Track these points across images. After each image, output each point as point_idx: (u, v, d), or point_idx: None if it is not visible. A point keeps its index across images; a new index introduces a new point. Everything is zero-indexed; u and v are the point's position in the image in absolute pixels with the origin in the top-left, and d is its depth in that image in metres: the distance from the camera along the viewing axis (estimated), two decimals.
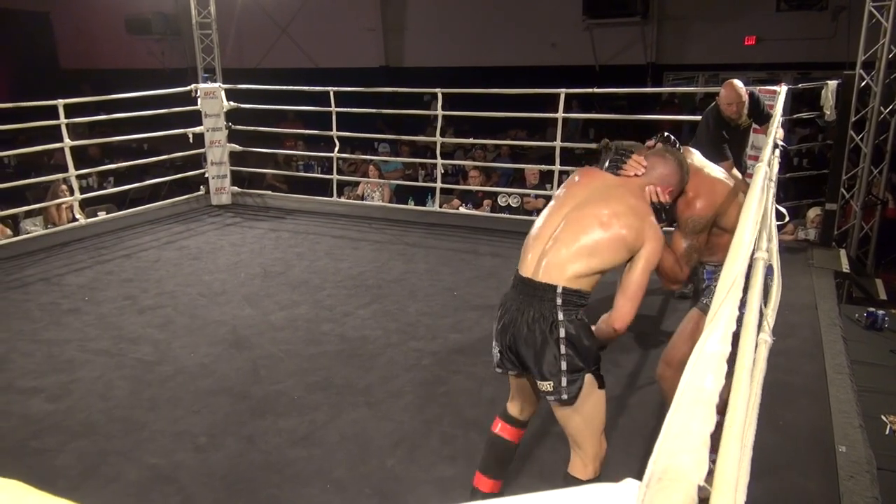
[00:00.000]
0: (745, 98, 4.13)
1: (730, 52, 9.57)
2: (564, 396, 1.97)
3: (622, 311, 1.96)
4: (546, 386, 1.98)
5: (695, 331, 2.49)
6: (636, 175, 2.09)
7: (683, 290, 4.48)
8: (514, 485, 2.50)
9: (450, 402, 3.18)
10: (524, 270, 2.01)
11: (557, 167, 5.87)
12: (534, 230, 2.05)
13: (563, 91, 5.65)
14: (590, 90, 5.81)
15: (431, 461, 2.73)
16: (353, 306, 4.33)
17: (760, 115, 4.33)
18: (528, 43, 10.64)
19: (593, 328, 2.01)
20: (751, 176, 4.67)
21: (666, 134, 2.38)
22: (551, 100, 5.87)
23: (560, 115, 5.73)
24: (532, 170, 6.69)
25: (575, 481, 2.06)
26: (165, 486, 2.59)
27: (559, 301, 1.92)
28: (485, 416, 3.01)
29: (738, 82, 4.14)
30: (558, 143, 5.80)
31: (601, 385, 2.05)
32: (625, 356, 3.66)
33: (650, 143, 2.35)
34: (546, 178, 6.73)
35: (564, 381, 1.95)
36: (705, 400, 0.72)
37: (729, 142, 4.26)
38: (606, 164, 2.12)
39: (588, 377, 1.99)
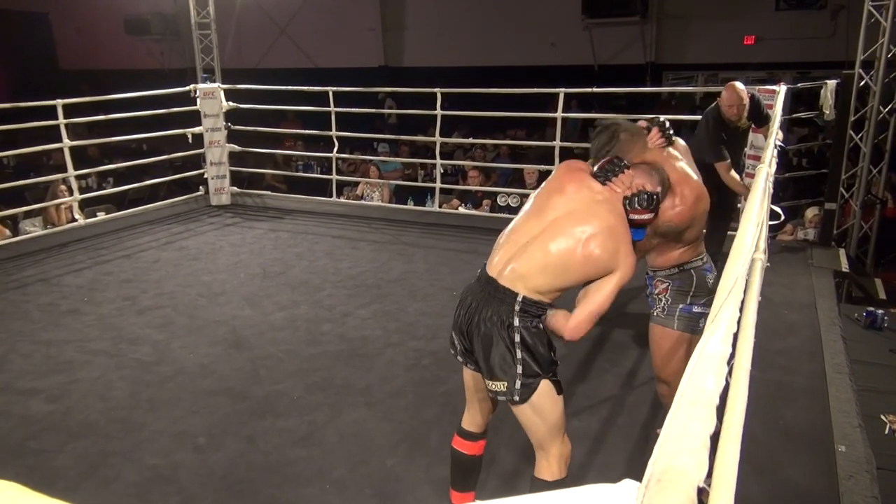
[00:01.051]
0: (747, 101, 4.11)
1: (729, 51, 9.58)
2: (516, 398, 1.98)
3: (579, 324, 1.94)
4: (498, 386, 1.99)
5: (672, 346, 2.41)
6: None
7: None
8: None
9: (449, 402, 3.18)
10: (491, 269, 2.01)
11: (557, 167, 5.87)
12: (509, 229, 2.04)
13: (562, 91, 5.65)
14: (589, 90, 5.82)
15: (431, 461, 2.73)
16: (352, 306, 4.33)
17: (760, 117, 4.32)
18: (527, 43, 10.64)
19: (549, 313, 1.99)
20: (751, 176, 4.68)
21: (661, 119, 2.32)
22: (550, 99, 5.87)
23: (559, 114, 5.73)
24: (531, 170, 6.69)
25: (541, 483, 2.09)
26: (165, 486, 2.58)
27: (517, 308, 1.93)
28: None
29: (739, 84, 4.12)
30: (557, 143, 5.80)
31: (559, 391, 2.04)
32: (623, 356, 3.66)
33: (642, 123, 2.31)
34: (545, 178, 6.72)
35: (518, 384, 1.96)
36: (705, 401, 0.72)
37: (727, 143, 4.23)
38: (601, 166, 2.05)
39: (545, 383, 1.99)
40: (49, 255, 5.41)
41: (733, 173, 4.18)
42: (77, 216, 5.94)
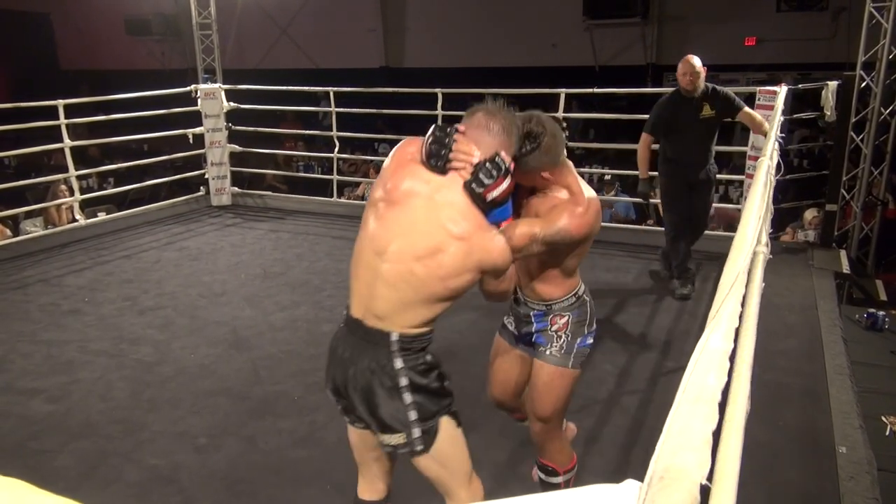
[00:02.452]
0: (701, 71, 4.20)
1: (730, 52, 9.57)
2: (419, 447, 1.74)
3: (505, 295, 1.81)
4: (395, 438, 1.73)
5: (566, 386, 2.14)
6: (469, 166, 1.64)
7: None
8: None
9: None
10: (353, 309, 1.73)
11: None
12: (354, 260, 1.73)
13: (563, 91, 5.65)
14: (590, 90, 5.81)
15: None
16: None
17: (731, 106, 4.32)
18: (528, 44, 10.64)
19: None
20: (751, 176, 4.69)
21: (536, 113, 1.97)
22: (551, 100, 5.86)
23: (560, 114, 5.72)
24: None
25: None
26: (165, 486, 2.58)
27: (395, 348, 1.66)
28: (484, 418, 3.01)
29: (694, 57, 4.28)
30: None
31: (458, 423, 1.81)
32: (622, 356, 3.65)
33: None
34: None
35: (417, 432, 1.71)
36: (707, 398, 0.71)
37: (680, 122, 4.29)
38: (427, 151, 1.64)
39: (444, 419, 1.76)
40: (50, 255, 5.41)
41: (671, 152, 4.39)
42: (78, 216, 5.93)
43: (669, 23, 10.06)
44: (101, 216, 6.27)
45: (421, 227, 1.61)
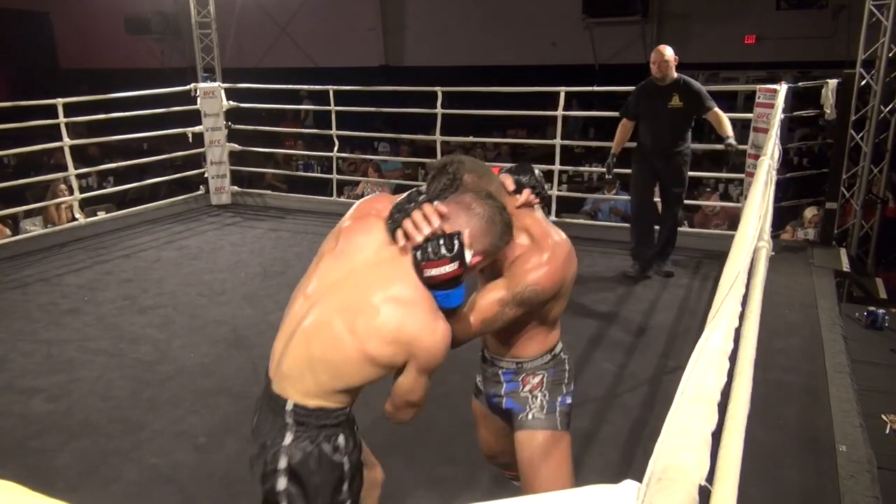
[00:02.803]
0: (670, 59, 4.37)
1: (730, 50, 9.57)
2: None
3: (390, 414, 1.54)
4: None
5: (561, 450, 1.88)
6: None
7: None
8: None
9: (449, 402, 3.16)
10: (270, 367, 1.55)
11: (557, 167, 5.87)
12: (290, 303, 1.55)
13: (562, 89, 5.65)
14: (590, 88, 5.81)
15: (431, 462, 2.73)
16: None
17: (700, 104, 4.46)
18: (528, 42, 10.63)
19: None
20: (752, 175, 4.68)
21: (538, 175, 1.80)
22: (551, 99, 5.86)
23: (560, 112, 5.73)
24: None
25: None
26: (165, 486, 2.58)
27: (289, 420, 1.44)
28: None
29: (666, 46, 4.44)
30: (558, 142, 5.80)
31: None
32: (622, 355, 3.65)
33: (507, 180, 1.73)
34: (545, 178, 6.71)
35: None
36: (707, 398, 0.71)
37: (648, 108, 4.52)
38: (390, 211, 1.48)
39: None
40: (49, 254, 5.41)
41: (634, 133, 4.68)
42: (77, 215, 5.93)
43: (669, 21, 10.05)
44: (101, 215, 6.27)
45: (357, 278, 1.42)
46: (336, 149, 6.70)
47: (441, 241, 1.37)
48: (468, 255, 1.41)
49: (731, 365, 0.90)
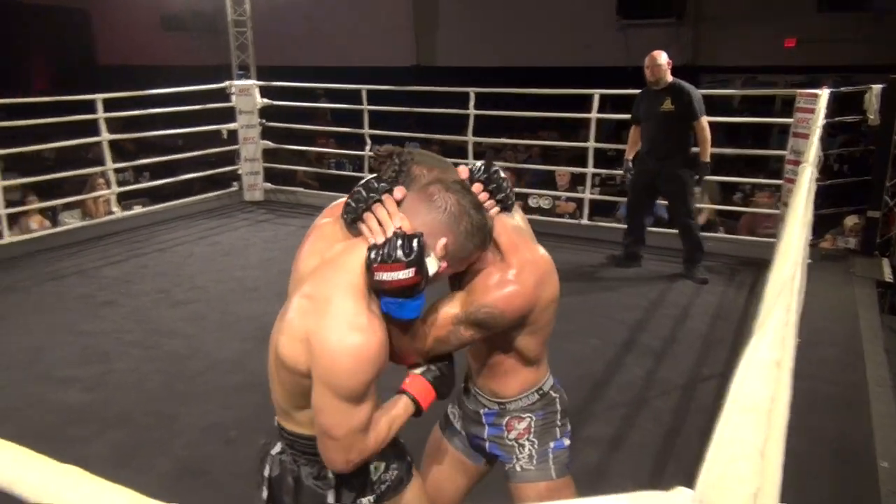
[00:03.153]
0: (663, 63, 4.50)
1: (768, 53, 9.39)
2: None
3: (325, 457, 1.25)
4: None
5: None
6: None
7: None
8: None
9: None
10: None
11: (590, 169, 5.82)
12: None
13: (597, 92, 5.60)
14: (624, 91, 5.74)
15: None
16: None
17: (689, 110, 4.49)
18: (560, 43, 10.57)
19: None
20: (791, 181, 4.59)
21: (495, 169, 1.44)
22: (583, 101, 5.81)
23: (594, 115, 5.68)
24: (563, 171, 6.64)
25: None
26: (196, 478, 2.61)
27: (277, 431, 1.42)
28: None
29: (660, 52, 4.56)
30: (591, 144, 5.75)
31: None
32: (652, 361, 3.60)
33: (462, 170, 1.42)
34: (578, 181, 6.67)
35: None
36: (757, 407, 0.69)
37: (645, 111, 4.67)
38: (346, 202, 1.32)
39: None
40: (86, 246, 5.52)
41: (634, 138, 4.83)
42: (114, 209, 6.05)
43: (706, 23, 9.91)
44: (137, 209, 6.40)
45: (301, 276, 1.30)
46: (368, 148, 6.72)
47: (398, 243, 1.19)
48: (432, 263, 1.22)
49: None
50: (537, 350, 1.53)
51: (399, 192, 1.28)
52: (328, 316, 1.17)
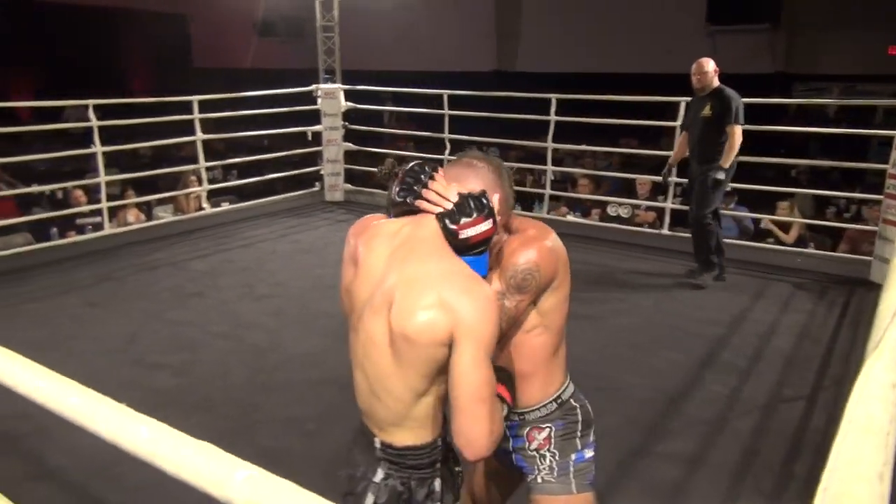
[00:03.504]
0: (710, 71, 4.53)
1: (870, 61, 8.90)
2: None
3: (469, 436, 1.19)
4: None
5: None
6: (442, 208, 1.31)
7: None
8: None
9: None
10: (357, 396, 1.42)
11: (674, 178, 5.66)
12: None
13: (683, 99, 5.44)
14: None
15: None
16: None
17: (724, 115, 4.47)
18: (644, 49, 10.35)
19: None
20: (893, 196, 4.35)
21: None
22: (666, 108, 5.67)
23: (679, 123, 5.52)
24: (643, 180, 6.49)
25: None
26: (275, 468, 2.68)
27: (380, 454, 1.34)
28: None
29: (706, 59, 4.58)
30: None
31: None
32: (734, 378, 3.47)
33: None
34: (659, 190, 6.51)
35: None
36: (876, 429, 0.66)
37: (691, 117, 4.77)
38: (396, 194, 1.38)
39: None
40: (177, 240, 5.80)
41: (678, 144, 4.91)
42: (204, 205, 6.33)
43: (802, 29, 9.49)
44: (224, 206, 6.67)
45: (382, 279, 1.27)
46: (448, 152, 6.78)
47: (470, 202, 1.30)
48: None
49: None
50: (553, 347, 1.55)
51: (441, 170, 1.37)
52: (455, 277, 1.22)
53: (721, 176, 4.53)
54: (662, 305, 4.44)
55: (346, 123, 7.08)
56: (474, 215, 1.28)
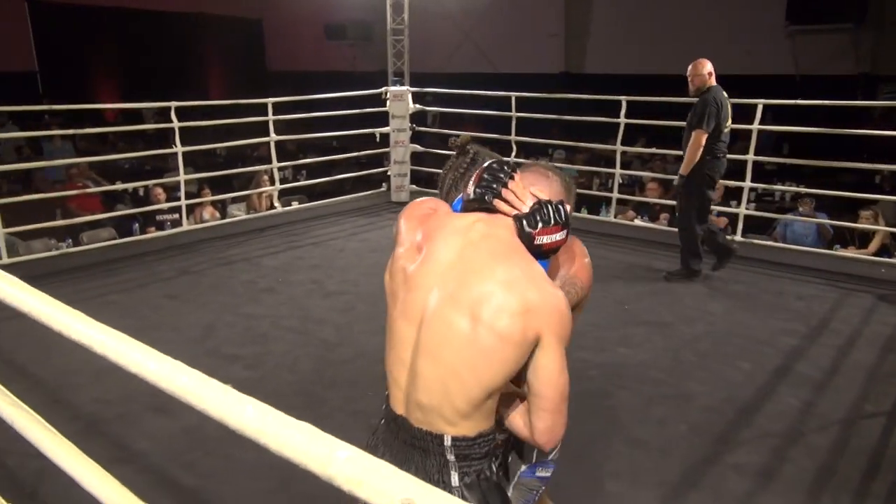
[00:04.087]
0: (703, 72, 4.54)
1: None
2: None
3: (555, 431, 1.28)
4: None
5: None
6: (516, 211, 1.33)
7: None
8: None
9: (615, 416, 3.10)
10: (395, 403, 1.37)
11: (748, 183, 5.50)
12: (388, 336, 1.41)
13: (760, 101, 5.28)
14: (793, 101, 5.37)
15: (594, 475, 2.68)
16: None
17: (694, 117, 4.51)
18: (720, 50, 10.01)
19: (508, 416, 1.37)
20: None
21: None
22: (746, 111, 5.50)
23: (756, 126, 5.36)
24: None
25: None
26: None
27: (450, 457, 1.30)
28: (652, 437, 2.91)
29: (702, 60, 4.60)
30: (751, 157, 5.43)
31: None
32: (809, 391, 3.34)
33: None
34: (732, 195, 6.33)
35: None
36: None
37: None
38: (471, 191, 1.37)
39: None
40: (251, 237, 6.01)
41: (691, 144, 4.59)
42: (276, 204, 6.54)
43: (891, 29, 9.02)
44: (295, 205, 6.86)
45: (459, 270, 1.27)
46: (514, 154, 6.78)
47: (551, 209, 1.31)
48: None
49: None
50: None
51: (517, 174, 1.37)
52: (540, 282, 1.26)
53: (679, 181, 4.62)
54: (733, 314, 4.32)
55: (414, 125, 7.17)
56: (552, 223, 1.30)
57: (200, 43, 15.09)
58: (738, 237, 5.59)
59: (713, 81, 4.55)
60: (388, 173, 7.34)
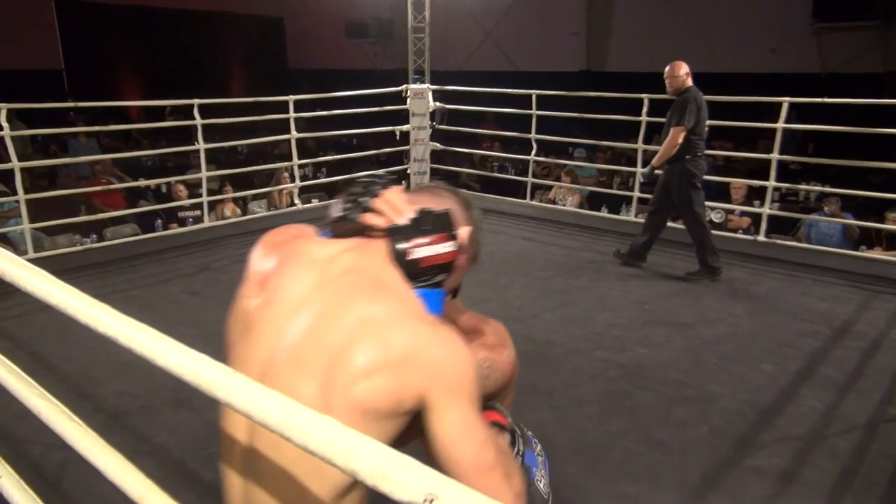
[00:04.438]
0: (680, 74, 4.67)
1: None
2: None
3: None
4: None
5: None
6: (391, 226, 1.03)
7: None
8: None
9: (635, 417, 3.08)
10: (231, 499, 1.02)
11: (772, 183, 5.43)
12: (222, 413, 1.02)
13: (786, 100, 5.21)
14: (819, 100, 5.29)
15: (612, 475, 2.66)
16: (539, 309, 4.34)
17: (673, 115, 4.63)
18: (746, 48, 9.94)
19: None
20: None
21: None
22: (770, 109, 5.43)
23: (780, 125, 5.29)
24: (738, 184, 6.25)
25: None
26: None
27: None
28: (673, 438, 2.89)
29: (677, 63, 4.74)
30: (775, 157, 5.36)
31: None
32: (833, 394, 3.29)
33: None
34: (756, 194, 6.25)
35: None
36: None
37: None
38: (337, 212, 1.09)
39: None
40: None
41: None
42: (296, 201, 6.57)
43: None
44: (315, 202, 6.89)
45: (315, 309, 0.95)
46: (534, 152, 6.75)
47: (429, 216, 1.03)
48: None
49: None
50: None
51: (398, 187, 1.08)
52: (409, 321, 0.92)
53: (647, 171, 4.86)
54: (756, 315, 4.27)
55: (434, 123, 7.17)
56: (432, 234, 1.02)
57: (222, 41, 15.22)
58: (761, 237, 5.52)
59: (690, 82, 4.67)
60: (408, 171, 7.35)
